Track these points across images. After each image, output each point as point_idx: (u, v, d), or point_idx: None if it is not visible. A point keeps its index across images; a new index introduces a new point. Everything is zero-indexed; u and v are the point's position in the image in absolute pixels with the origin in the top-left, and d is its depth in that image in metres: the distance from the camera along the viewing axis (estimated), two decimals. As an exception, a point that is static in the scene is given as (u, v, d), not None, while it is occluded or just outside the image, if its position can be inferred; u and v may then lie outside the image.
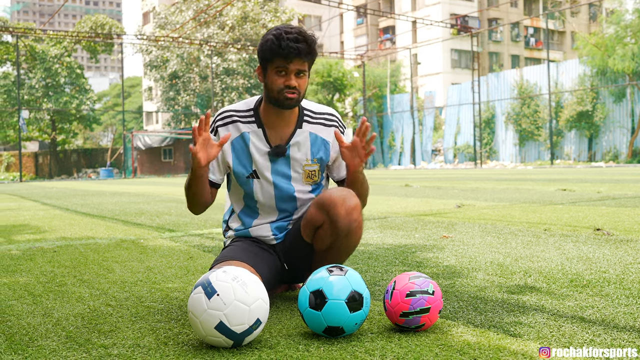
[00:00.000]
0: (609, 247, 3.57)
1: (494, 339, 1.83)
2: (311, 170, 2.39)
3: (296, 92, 2.25)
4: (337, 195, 2.23)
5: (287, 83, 2.23)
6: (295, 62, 2.21)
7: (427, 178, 17.01)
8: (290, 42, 2.18)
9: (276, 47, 2.19)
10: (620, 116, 29.10)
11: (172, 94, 41.19)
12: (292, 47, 2.18)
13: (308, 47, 2.22)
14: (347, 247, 2.29)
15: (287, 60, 2.20)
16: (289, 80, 2.23)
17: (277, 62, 2.22)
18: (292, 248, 2.41)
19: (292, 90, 2.24)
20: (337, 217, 2.20)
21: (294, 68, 2.22)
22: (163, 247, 4.15)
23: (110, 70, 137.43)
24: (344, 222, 2.20)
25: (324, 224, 2.25)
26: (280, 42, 2.19)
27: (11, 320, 2.21)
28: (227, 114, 2.38)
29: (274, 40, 2.20)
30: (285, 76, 2.23)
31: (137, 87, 69.11)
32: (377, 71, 40.25)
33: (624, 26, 28.68)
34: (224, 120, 2.38)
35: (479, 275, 2.81)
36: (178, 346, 1.85)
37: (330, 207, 2.22)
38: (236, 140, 2.35)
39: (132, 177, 33.09)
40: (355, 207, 2.23)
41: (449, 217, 5.65)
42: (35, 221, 6.40)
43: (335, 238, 2.25)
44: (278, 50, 2.19)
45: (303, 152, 2.37)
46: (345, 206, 2.21)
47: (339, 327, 1.85)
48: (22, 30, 33.86)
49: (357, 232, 2.26)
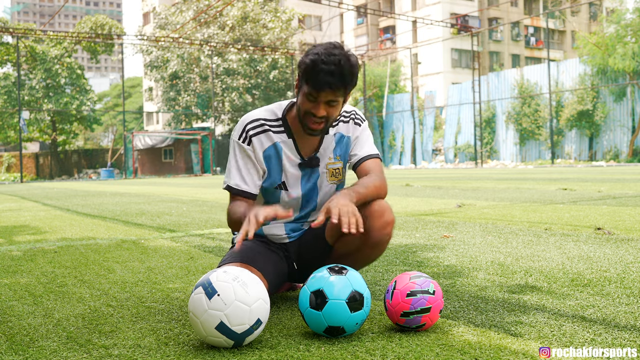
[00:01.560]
0: (610, 246, 3.56)
1: (494, 338, 1.83)
2: (335, 168, 2.36)
3: (323, 122, 2.16)
4: (377, 208, 2.21)
5: (313, 111, 2.13)
6: (325, 94, 2.09)
7: (428, 178, 17.01)
8: (324, 74, 2.05)
9: (309, 75, 2.08)
10: (621, 115, 29.08)
11: (173, 94, 41.19)
12: (323, 81, 2.06)
13: (342, 81, 2.07)
14: (369, 258, 2.30)
15: (318, 91, 2.09)
16: (317, 109, 2.13)
17: (309, 88, 2.10)
18: (308, 247, 2.39)
19: (318, 120, 2.15)
20: (371, 228, 2.19)
21: (324, 99, 2.11)
22: (164, 247, 4.15)
23: (111, 70, 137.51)
24: (377, 235, 2.20)
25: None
26: (313, 70, 2.07)
27: (12, 321, 2.21)
28: (259, 122, 2.27)
29: (310, 66, 2.08)
30: (314, 103, 2.13)
31: (137, 87, 69.14)
32: (377, 71, 40.25)
33: (625, 25, 28.66)
34: (257, 130, 2.27)
35: (480, 275, 2.81)
36: (179, 346, 1.85)
37: (367, 217, 2.18)
38: (269, 150, 2.27)
39: (132, 178, 33.10)
40: (391, 222, 2.22)
41: (449, 216, 5.65)
42: (36, 222, 6.40)
43: (362, 247, 2.24)
44: (310, 78, 2.08)
45: (326, 152, 2.34)
46: (382, 220, 2.20)
47: (340, 327, 1.85)
48: (22, 31, 33.87)
49: (385, 246, 2.27)
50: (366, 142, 2.40)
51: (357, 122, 2.38)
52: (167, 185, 17.73)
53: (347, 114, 2.39)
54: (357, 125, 2.38)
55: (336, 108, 2.16)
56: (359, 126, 2.39)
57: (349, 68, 2.08)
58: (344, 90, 2.11)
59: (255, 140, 2.26)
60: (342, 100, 2.16)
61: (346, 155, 2.39)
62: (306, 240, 2.40)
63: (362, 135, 2.39)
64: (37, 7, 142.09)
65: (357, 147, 2.38)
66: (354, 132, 2.38)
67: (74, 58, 42.96)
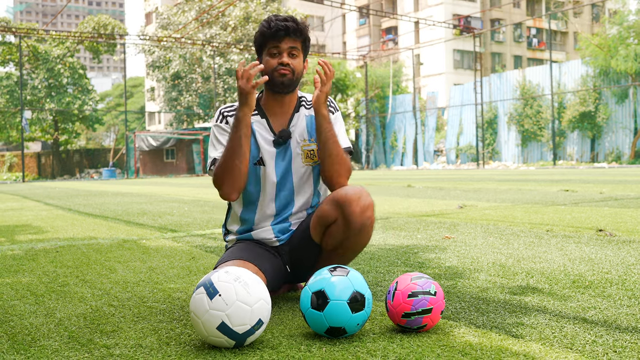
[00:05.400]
0: (612, 248, 3.56)
1: (495, 339, 1.83)
2: (309, 149, 2.42)
3: (289, 70, 2.32)
4: (352, 193, 2.25)
5: (279, 61, 2.31)
6: (285, 40, 2.30)
7: (430, 179, 17.00)
8: (279, 21, 2.29)
9: (266, 29, 2.31)
10: (623, 117, 29.06)
11: (175, 94, 41.23)
12: (280, 26, 2.28)
13: (297, 25, 2.31)
14: (356, 245, 2.30)
15: (278, 40, 2.30)
16: (281, 57, 2.31)
17: (269, 44, 2.32)
18: (298, 248, 2.41)
19: (285, 67, 2.31)
20: (351, 214, 2.22)
21: (285, 47, 2.31)
22: (165, 247, 4.16)
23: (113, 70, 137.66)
24: (358, 220, 2.22)
25: (337, 220, 2.28)
26: (269, 23, 2.31)
27: (14, 320, 2.21)
28: (232, 107, 2.44)
29: (264, 24, 2.32)
30: (278, 56, 2.32)
31: (139, 87, 69.20)
32: (379, 72, 40.24)
33: (627, 27, 28.66)
34: (231, 112, 2.42)
35: (481, 276, 2.81)
36: (180, 346, 1.85)
37: (345, 204, 2.24)
38: None
39: (134, 178, 33.12)
40: (369, 205, 2.26)
41: (451, 217, 5.65)
42: (38, 221, 6.41)
43: (347, 235, 2.26)
44: (268, 31, 2.30)
45: (301, 132, 2.42)
46: (361, 204, 2.23)
47: (341, 328, 1.85)
48: (25, 30, 33.92)
49: (369, 230, 2.28)
50: (340, 133, 2.45)
51: (331, 110, 2.44)
52: (168, 185, 17.74)
53: None
54: (331, 113, 2.44)
55: (298, 60, 2.35)
56: (332, 114, 2.45)
57: (301, 20, 2.35)
58: (301, 39, 2.34)
59: (231, 119, 2.39)
60: (302, 54, 2.36)
61: None
62: (295, 242, 2.42)
63: (336, 124, 2.45)
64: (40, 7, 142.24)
65: None
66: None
67: (76, 58, 43.01)
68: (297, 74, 2.35)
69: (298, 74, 2.36)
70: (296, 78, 2.36)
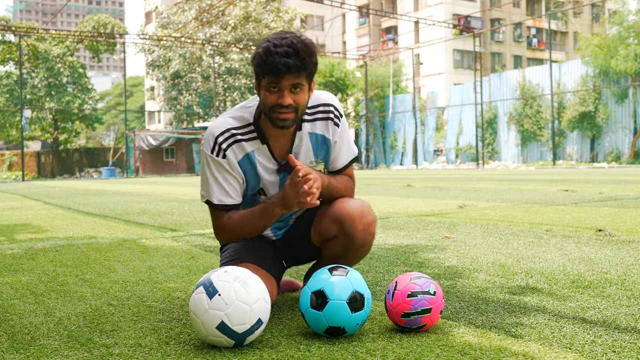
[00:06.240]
0: (611, 248, 3.56)
1: (495, 339, 1.83)
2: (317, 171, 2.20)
3: (291, 111, 2.03)
4: (355, 209, 2.17)
5: (279, 101, 2.01)
6: (287, 77, 1.98)
7: (429, 178, 17.00)
8: (279, 57, 1.95)
9: (264, 64, 1.98)
10: (623, 117, 29.07)
11: (175, 93, 41.22)
12: (280, 64, 1.95)
13: (300, 61, 1.97)
14: (357, 258, 2.29)
15: (277, 77, 1.98)
16: (282, 97, 2.00)
17: (267, 78, 2.00)
18: (296, 246, 2.39)
19: (285, 109, 2.02)
20: (354, 231, 2.16)
21: (286, 84, 2.00)
22: (165, 246, 4.16)
23: (113, 69, 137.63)
24: (361, 237, 2.18)
25: (338, 236, 2.21)
26: (267, 57, 1.97)
27: (13, 319, 2.21)
28: (228, 133, 2.13)
29: (262, 56, 1.99)
30: (278, 92, 2.01)
31: (139, 86, 69.20)
32: (379, 71, 40.25)
33: (627, 27, 28.67)
34: (228, 142, 2.13)
35: (481, 276, 2.81)
36: (179, 346, 1.85)
37: (347, 222, 2.16)
38: (242, 162, 2.15)
39: (134, 177, 33.12)
40: (372, 222, 2.20)
41: (450, 217, 5.65)
42: (38, 220, 6.41)
43: (348, 249, 2.22)
44: (266, 66, 1.98)
45: (305, 154, 2.20)
46: (364, 222, 2.17)
47: (340, 328, 1.85)
48: (24, 29, 33.91)
49: (371, 244, 2.25)
50: (345, 146, 2.28)
51: (336, 123, 2.23)
52: (168, 185, 17.74)
53: (323, 109, 2.22)
54: (336, 127, 2.23)
55: (302, 94, 2.04)
56: (338, 127, 2.23)
57: (304, 47, 1.99)
58: (305, 72, 2.01)
59: (229, 152, 2.12)
60: (306, 85, 2.05)
61: (328, 157, 2.26)
62: (294, 241, 2.38)
63: (342, 138, 2.26)
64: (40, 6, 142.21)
65: (336, 155, 2.28)
66: (333, 135, 2.24)
67: (76, 57, 42.97)
68: (300, 110, 2.07)
69: (302, 109, 2.08)
70: (299, 115, 2.08)
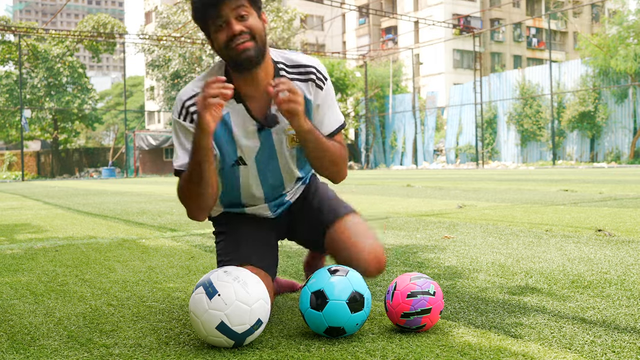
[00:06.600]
0: (611, 248, 3.56)
1: (494, 339, 1.83)
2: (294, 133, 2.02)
3: (247, 38, 1.86)
4: (367, 254, 2.09)
5: (229, 33, 1.85)
6: (226, 6, 1.84)
7: (429, 178, 17.00)
8: None
9: (200, 6, 1.86)
10: (623, 117, 29.08)
11: (174, 93, 41.20)
12: None
13: None
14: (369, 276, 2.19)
15: (216, 8, 1.84)
16: (230, 28, 1.85)
17: (209, 18, 1.86)
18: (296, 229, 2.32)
19: (240, 37, 1.85)
20: (366, 264, 2.08)
21: (229, 14, 1.84)
22: (165, 246, 4.16)
23: (113, 69, 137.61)
24: (374, 268, 2.11)
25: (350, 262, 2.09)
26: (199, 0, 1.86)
27: (13, 320, 2.21)
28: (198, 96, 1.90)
29: (195, 3, 1.88)
30: (225, 28, 1.86)
31: (139, 86, 69.19)
32: (379, 71, 40.26)
33: (627, 27, 28.68)
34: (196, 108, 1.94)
35: (480, 276, 2.81)
36: (179, 346, 1.85)
37: (359, 266, 2.05)
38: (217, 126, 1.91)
39: (134, 177, 33.10)
40: (384, 263, 2.14)
41: (450, 217, 5.65)
42: (37, 220, 6.41)
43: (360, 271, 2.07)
44: (201, 7, 1.86)
45: None
46: (377, 266, 2.11)
47: (340, 328, 1.85)
48: (24, 29, 33.91)
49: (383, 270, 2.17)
50: (330, 111, 2.08)
51: (319, 85, 2.04)
52: (168, 185, 17.74)
53: (304, 70, 2.03)
54: (319, 89, 2.04)
55: (252, 19, 1.88)
56: (321, 89, 2.04)
57: None
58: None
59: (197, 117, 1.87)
60: (254, 12, 1.89)
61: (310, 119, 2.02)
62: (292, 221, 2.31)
63: (325, 102, 2.06)
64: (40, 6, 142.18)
65: (320, 119, 2.07)
66: (315, 98, 2.04)
67: (75, 57, 42.98)
68: (258, 36, 1.88)
69: (259, 35, 1.89)
70: (260, 42, 1.89)
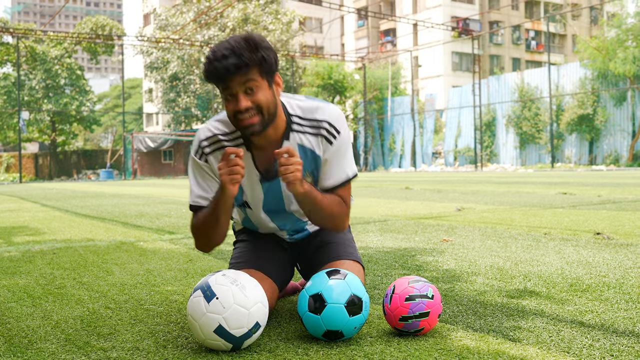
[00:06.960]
0: (609, 251, 3.56)
1: (493, 343, 1.83)
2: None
3: (253, 114, 1.90)
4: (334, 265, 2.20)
5: (236, 108, 1.89)
6: (234, 81, 1.86)
7: (428, 181, 17.01)
8: (218, 62, 1.84)
9: (209, 74, 1.89)
10: (621, 119, 29.13)
11: (173, 95, 41.22)
12: (220, 69, 1.84)
13: (239, 58, 1.83)
14: None
15: (224, 82, 1.87)
16: (237, 103, 1.88)
17: (220, 88, 1.90)
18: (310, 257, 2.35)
19: (246, 114, 1.89)
20: None
21: (237, 87, 1.87)
22: (163, 249, 4.15)
23: (111, 71, 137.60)
24: None
25: None
26: (209, 67, 1.87)
27: (10, 323, 2.21)
28: (214, 138, 2.05)
29: (205, 67, 1.90)
30: (233, 100, 1.90)
31: (137, 88, 69.17)
32: (377, 73, 40.29)
33: (625, 29, 28.73)
34: (212, 147, 2.06)
35: (479, 279, 2.81)
36: (177, 349, 1.84)
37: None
38: None
39: (132, 179, 33.09)
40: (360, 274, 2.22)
41: (449, 220, 5.65)
42: (35, 223, 6.40)
43: None
44: (211, 77, 1.89)
45: None
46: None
47: (338, 331, 1.85)
48: (22, 31, 33.89)
49: None
50: (338, 166, 2.07)
51: (329, 140, 2.03)
52: (166, 187, 17.73)
53: (317, 124, 2.04)
54: (329, 143, 2.03)
55: (260, 93, 1.89)
56: (331, 144, 2.03)
57: (244, 44, 1.85)
58: (254, 68, 1.86)
59: (211, 157, 2.05)
60: (263, 82, 1.90)
61: (317, 172, 2.09)
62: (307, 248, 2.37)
63: (335, 156, 2.05)
64: (38, 8, 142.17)
65: (327, 172, 2.07)
66: (324, 152, 2.05)
67: (74, 59, 43.01)
68: (265, 110, 1.91)
69: (267, 109, 1.91)
70: (267, 116, 1.92)
